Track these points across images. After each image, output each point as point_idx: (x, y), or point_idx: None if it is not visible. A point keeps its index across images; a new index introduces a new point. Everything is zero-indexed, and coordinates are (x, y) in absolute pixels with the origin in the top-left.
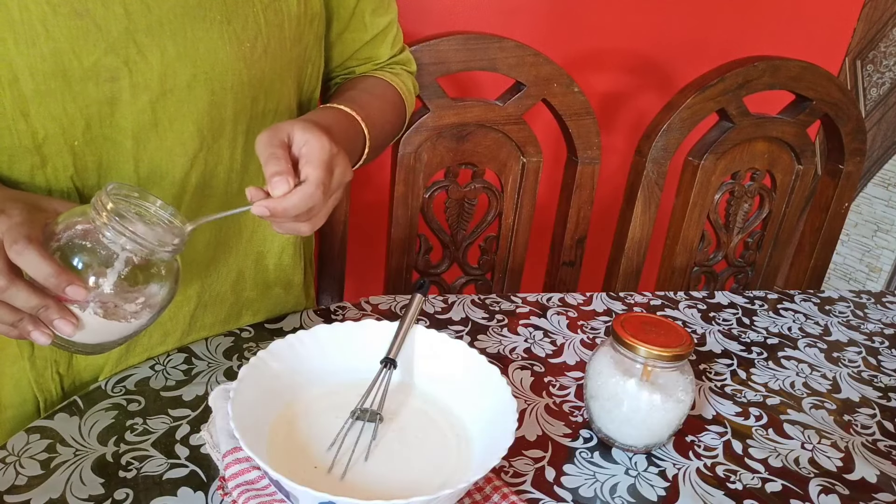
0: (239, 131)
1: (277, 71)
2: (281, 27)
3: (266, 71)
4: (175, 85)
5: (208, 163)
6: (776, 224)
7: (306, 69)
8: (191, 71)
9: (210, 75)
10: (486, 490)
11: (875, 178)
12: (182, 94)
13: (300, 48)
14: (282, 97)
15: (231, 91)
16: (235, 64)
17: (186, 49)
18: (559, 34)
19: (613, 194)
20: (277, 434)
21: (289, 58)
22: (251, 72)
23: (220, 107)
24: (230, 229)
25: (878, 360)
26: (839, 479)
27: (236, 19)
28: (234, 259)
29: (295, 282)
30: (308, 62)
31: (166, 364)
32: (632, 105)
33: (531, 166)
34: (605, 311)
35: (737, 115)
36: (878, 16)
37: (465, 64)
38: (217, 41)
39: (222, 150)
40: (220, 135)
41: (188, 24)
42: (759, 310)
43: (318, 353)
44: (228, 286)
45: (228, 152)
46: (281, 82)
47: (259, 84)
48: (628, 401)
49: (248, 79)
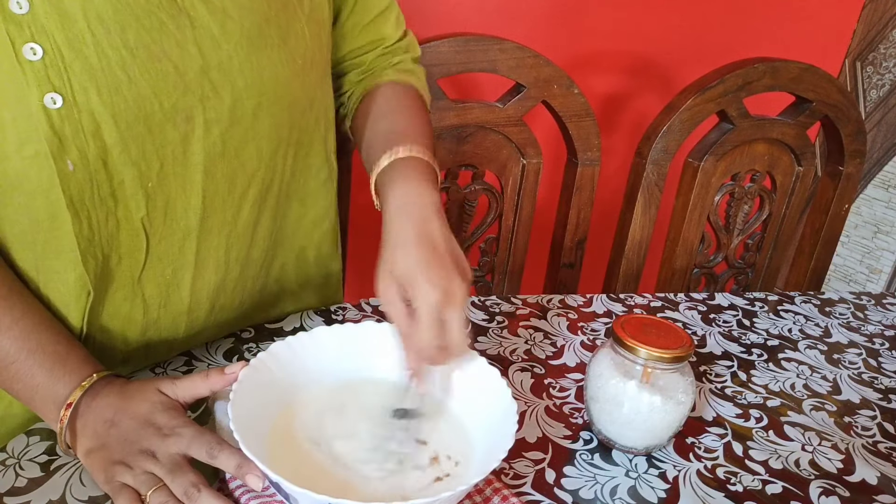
0: (291, 143)
1: (319, 80)
2: (319, 37)
3: (312, 82)
4: (243, 115)
5: (265, 180)
6: (776, 226)
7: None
8: (257, 100)
9: (272, 99)
10: (487, 492)
11: (875, 179)
12: (248, 122)
13: (329, 52)
14: (323, 104)
15: (287, 109)
16: (292, 82)
17: (254, 79)
18: (559, 36)
19: (613, 196)
20: (277, 435)
21: (326, 64)
22: (302, 87)
23: (278, 126)
24: (279, 230)
25: (878, 362)
26: (840, 480)
27: (290, 37)
28: (281, 253)
29: (333, 270)
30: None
31: (167, 367)
32: (632, 107)
33: (531, 168)
34: (606, 312)
35: (737, 116)
36: (878, 17)
37: (465, 65)
38: (278, 65)
39: (277, 165)
40: (277, 152)
41: (253, 53)
42: (759, 311)
43: (318, 355)
44: (272, 280)
45: (281, 165)
46: (322, 90)
47: (307, 96)
48: (628, 402)
49: (300, 94)
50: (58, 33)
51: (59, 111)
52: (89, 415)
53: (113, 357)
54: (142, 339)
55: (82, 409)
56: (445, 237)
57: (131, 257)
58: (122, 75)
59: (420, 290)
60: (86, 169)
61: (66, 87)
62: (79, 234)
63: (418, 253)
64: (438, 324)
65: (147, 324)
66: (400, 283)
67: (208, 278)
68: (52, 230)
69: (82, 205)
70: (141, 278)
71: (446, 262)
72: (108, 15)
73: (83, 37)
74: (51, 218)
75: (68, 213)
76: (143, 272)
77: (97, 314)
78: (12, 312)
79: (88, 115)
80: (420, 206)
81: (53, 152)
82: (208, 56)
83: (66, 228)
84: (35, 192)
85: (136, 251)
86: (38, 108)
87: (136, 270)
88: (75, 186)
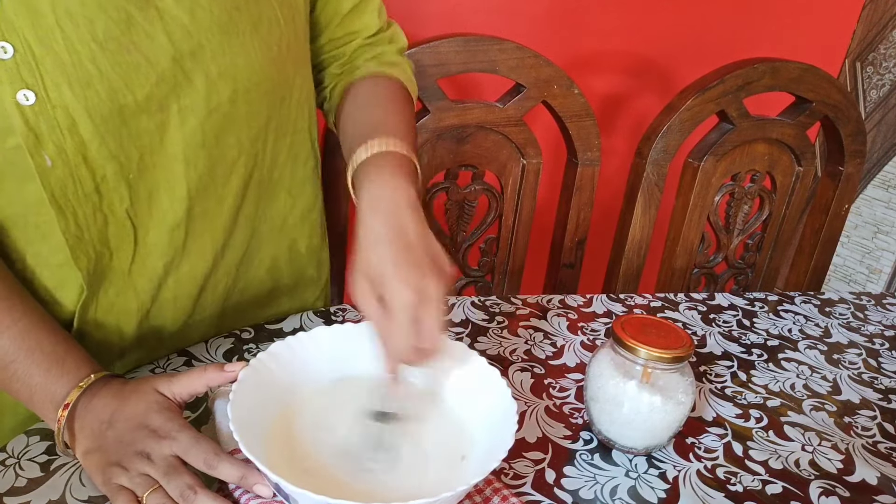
0: (270, 129)
1: (297, 66)
2: (294, 22)
3: (289, 69)
4: (219, 103)
5: (247, 166)
6: (776, 226)
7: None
8: (232, 86)
9: (248, 86)
10: (486, 492)
11: (875, 179)
12: (225, 110)
13: (306, 39)
14: (303, 89)
15: (266, 96)
16: (268, 69)
17: (227, 67)
18: (559, 36)
19: (613, 196)
20: (277, 436)
21: (304, 50)
22: (280, 74)
23: (257, 114)
24: (265, 224)
25: (878, 362)
26: (839, 480)
27: (261, 24)
28: (268, 248)
29: (323, 259)
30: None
31: (166, 367)
32: (632, 107)
33: (531, 168)
34: (606, 312)
35: (737, 116)
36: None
37: (466, 66)
38: (251, 52)
39: (258, 152)
40: (257, 139)
41: (225, 41)
42: (759, 311)
43: (318, 355)
44: (264, 272)
45: (262, 153)
46: (301, 76)
47: (285, 83)
48: (628, 403)
49: (277, 81)
50: (28, 31)
51: (32, 108)
52: (87, 415)
53: (110, 351)
54: (136, 332)
55: (80, 409)
56: (419, 232)
57: (120, 251)
58: (93, 69)
59: (393, 290)
60: (66, 165)
61: (39, 84)
62: (65, 230)
63: (391, 251)
64: (413, 324)
65: (140, 316)
66: (373, 282)
67: (198, 268)
68: (41, 214)
69: (66, 201)
70: (131, 271)
71: (420, 260)
72: (76, 10)
73: (53, 33)
74: (40, 202)
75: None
76: (132, 264)
77: (92, 309)
78: (12, 312)
79: (63, 111)
80: (392, 200)
81: (30, 148)
82: (179, 45)
83: (54, 214)
84: (24, 178)
85: (124, 244)
86: (11, 105)
87: (126, 263)
88: (56, 182)
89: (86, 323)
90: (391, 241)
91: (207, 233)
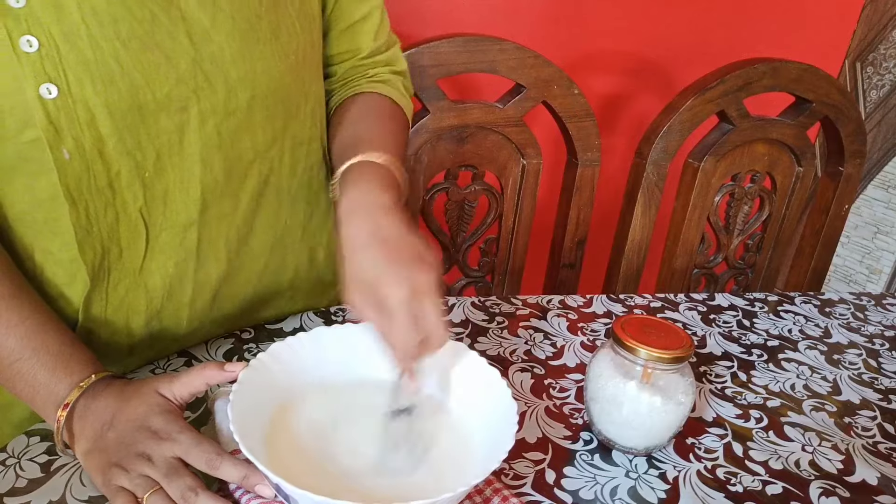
0: (287, 136)
1: (312, 74)
2: (310, 31)
3: (305, 77)
4: (237, 107)
5: (262, 171)
6: (776, 226)
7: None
8: (250, 92)
9: (265, 92)
10: (487, 492)
11: (875, 180)
12: (243, 114)
13: (321, 49)
14: (317, 97)
15: (282, 103)
16: (285, 77)
17: (246, 72)
18: (559, 36)
19: (613, 196)
20: (277, 437)
21: (318, 59)
22: (297, 82)
23: (273, 119)
24: (287, 234)
25: (878, 363)
26: (840, 481)
27: (281, 33)
28: (291, 257)
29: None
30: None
31: (166, 367)
32: (632, 107)
33: (531, 168)
34: (606, 313)
35: (737, 117)
36: (878, 18)
37: (465, 66)
38: (270, 59)
39: (273, 158)
40: (273, 144)
41: (245, 47)
42: (759, 312)
43: (318, 356)
44: (286, 281)
45: (278, 157)
46: (317, 84)
47: (301, 91)
48: (628, 403)
49: (294, 89)
50: (53, 26)
51: (54, 101)
52: (88, 416)
53: (119, 349)
54: (146, 330)
55: (81, 410)
56: (396, 233)
57: (131, 249)
58: (116, 66)
59: (387, 290)
60: (82, 158)
61: (61, 78)
62: (76, 223)
63: (375, 254)
64: (413, 319)
65: (150, 315)
66: (366, 287)
67: (210, 271)
68: (52, 210)
69: (80, 194)
70: (143, 270)
71: (404, 257)
72: (101, 7)
73: (77, 29)
74: (51, 199)
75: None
76: (144, 263)
77: (99, 306)
78: (20, 311)
79: (83, 105)
80: (365, 207)
81: (50, 141)
82: (200, 47)
83: (65, 209)
84: (38, 173)
85: (136, 242)
86: (34, 98)
87: (137, 262)
88: (72, 175)
89: (92, 320)
90: (372, 246)
91: (221, 237)
